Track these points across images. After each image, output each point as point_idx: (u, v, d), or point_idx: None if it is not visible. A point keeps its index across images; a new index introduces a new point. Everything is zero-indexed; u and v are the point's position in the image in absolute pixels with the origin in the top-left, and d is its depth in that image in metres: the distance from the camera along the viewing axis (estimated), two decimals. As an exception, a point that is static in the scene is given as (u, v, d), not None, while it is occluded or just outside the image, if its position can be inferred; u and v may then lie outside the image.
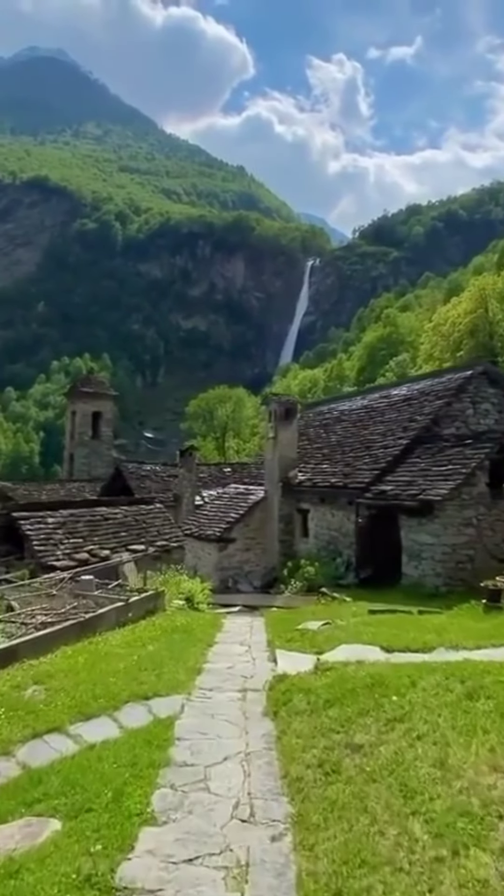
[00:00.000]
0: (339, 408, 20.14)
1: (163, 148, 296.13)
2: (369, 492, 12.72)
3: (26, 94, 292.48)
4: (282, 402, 17.22)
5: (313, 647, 6.28)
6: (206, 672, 6.17)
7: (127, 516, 12.10)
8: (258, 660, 6.76)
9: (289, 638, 7.23)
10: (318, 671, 5.14)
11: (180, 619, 8.70)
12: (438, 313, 61.68)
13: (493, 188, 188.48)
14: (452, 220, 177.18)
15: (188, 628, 8.18)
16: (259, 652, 7.21)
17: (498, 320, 54.03)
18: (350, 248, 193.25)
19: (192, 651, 6.98)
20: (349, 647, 5.74)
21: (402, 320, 77.80)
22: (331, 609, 9.81)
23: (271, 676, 5.79)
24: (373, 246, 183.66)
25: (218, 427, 66.57)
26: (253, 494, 17.63)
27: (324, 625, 7.51)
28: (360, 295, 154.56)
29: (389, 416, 16.13)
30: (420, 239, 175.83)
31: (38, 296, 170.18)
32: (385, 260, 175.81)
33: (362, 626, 6.95)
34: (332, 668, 5.12)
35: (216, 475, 28.72)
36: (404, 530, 11.49)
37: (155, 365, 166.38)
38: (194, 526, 17.75)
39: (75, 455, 31.80)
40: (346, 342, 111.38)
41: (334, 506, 14.61)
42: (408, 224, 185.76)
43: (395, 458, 13.41)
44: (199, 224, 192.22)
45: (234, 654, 7.06)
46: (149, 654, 6.59)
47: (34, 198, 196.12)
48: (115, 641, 7.00)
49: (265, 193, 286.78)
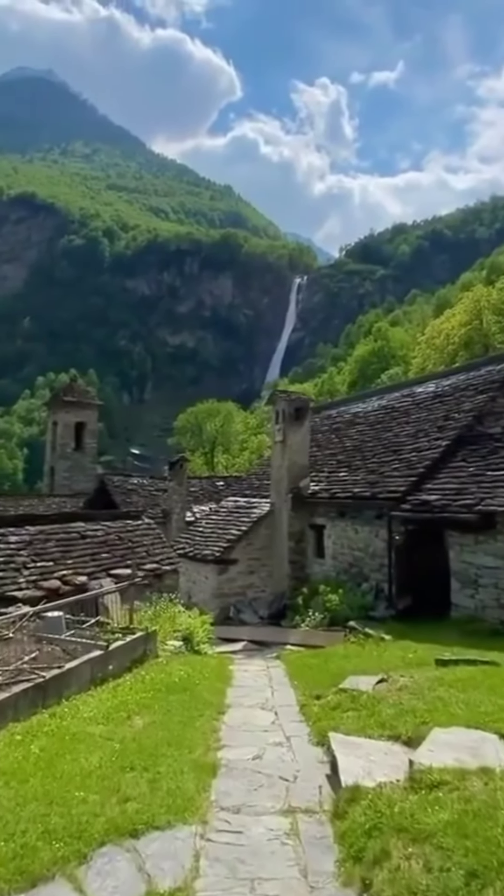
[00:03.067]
0: (350, 410, 18.16)
1: (151, 167, 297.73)
2: (406, 503, 10.54)
3: (15, 113, 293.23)
4: (291, 399, 14.84)
5: (383, 727, 4.23)
6: (223, 770, 4.10)
7: (109, 534, 9.98)
8: (295, 740, 4.70)
9: (333, 704, 5.15)
10: (418, 787, 3.10)
11: (178, 668, 6.61)
12: (431, 326, 60.77)
13: (477, 208, 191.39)
14: (438, 239, 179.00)
15: (189, 684, 6.09)
16: (291, 723, 5.15)
17: (493, 332, 53.32)
18: (337, 266, 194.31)
19: (199, 726, 4.92)
20: (448, 733, 3.75)
21: (393, 334, 77.02)
22: (368, 651, 7.74)
23: (329, 783, 3.75)
24: (360, 264, 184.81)
25: (207, 442, 64.58)
26: (256, 508, 15.31)
27: (379, 682, 5.49)
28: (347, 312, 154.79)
29: (417, 415, 14.15)
30: (406, 257, 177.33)
31: (25, 311, 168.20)
32: (372, 278, 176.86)
33: (440, 688, 4.92)
34: (442, 784, 3.09)
35: (208, 489, 26.73)
36: (454, 550, 9.33)
37: (142, 381, 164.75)
38: (188, 545, 15.49)
39: (56, 468, 29.61)
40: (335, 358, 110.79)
41: (358, 520, 12.40)
42: (394, 243, 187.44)
43: (435, 461, 11.30)
44: (187, 241, 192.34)
45: (257, 730, 5.00)
46: (136, 735, 4.52)
47: (21, 214, 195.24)
48: (89, 712, 4.92)
49: (252, 213, 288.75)
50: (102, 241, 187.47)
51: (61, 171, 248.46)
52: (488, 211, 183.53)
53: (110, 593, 8.13)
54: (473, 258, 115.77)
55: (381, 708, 4.69)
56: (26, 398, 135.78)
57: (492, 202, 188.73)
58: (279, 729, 5.02)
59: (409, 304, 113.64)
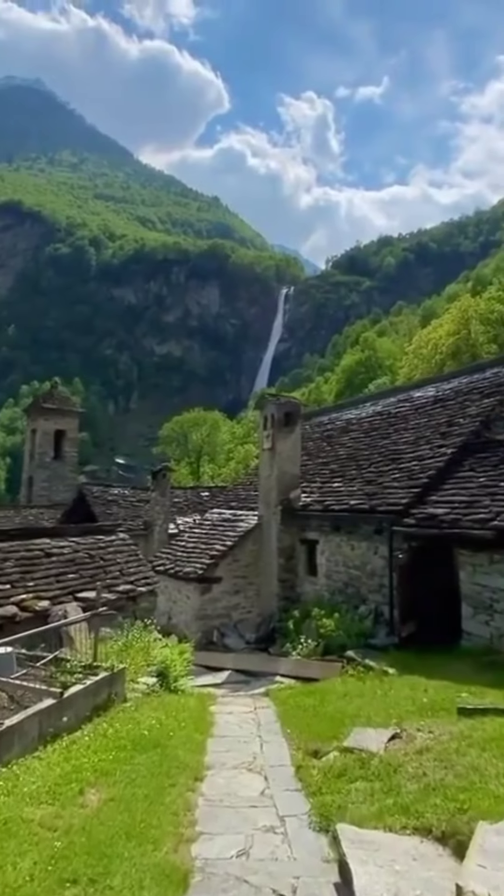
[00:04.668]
0: (343, 416, 17.18)
1: (138, 177, 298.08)
2: (409, 516, 9.57)
3: (2, 121, 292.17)
4: (281, 403, 13.68)
5: (407, 814, 3.25)
6: (197, 879, 3.08)
7: (78, 551, 8.91)
8: (291, 822, 3.72)
9: (338, 769, 4.13)
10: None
11: (149, 715, 5.58)
12: (419, 336, 60.51)
13: (462, 222, 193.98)
14: (423, 252, 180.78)
15: (162, 737, 5.07)
16: (286, 793, 4.17)
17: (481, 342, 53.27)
18: (324, 278, 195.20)
19: (169, 802, 3.91)
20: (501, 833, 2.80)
21: (379, 344, 76.94)
22: (370, 689, 6.68)
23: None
24: (346, 275, 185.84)
25: (192, 451, 63.49)
26: (243, 521, 14.18)
27: (392, 739, 4.53)
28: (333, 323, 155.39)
29: (417, 421, 13.18)
30: (392, 269, 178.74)
31: (9, 319, 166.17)
32: (358, 289, 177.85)
33: (471, 751, 3.95)
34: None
35: (193, 500, 25.76)
36: (465, 571, 8.26)
37: (128, 390, 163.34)
38: (168, 561, 14.33)
39: (35, 478, 28.40)
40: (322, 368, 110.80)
41: (354, 535, 11.32)
42: (380, 255, 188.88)
43: (440, 471, 10.34)
44: (175, 251, 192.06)
45: (243, 804, 4.01)
46: (88, 821, 3.51)
47: (7, 221, 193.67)
48: (32, 785, 3.90)
49: (239, 224, 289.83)
50: (89, 250, 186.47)
51: (48, 180, 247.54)
52: (472, 225, 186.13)
53: (76, 620, 7.07)
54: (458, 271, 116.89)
55: (400, 780, 3.72)
56: (9, 407, 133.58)
57: (476, 216, 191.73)
58: (270, 803, 4.03)
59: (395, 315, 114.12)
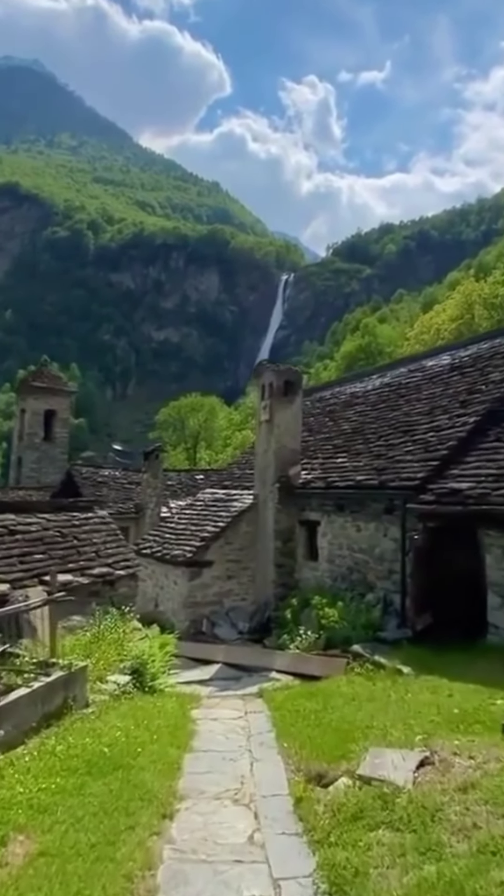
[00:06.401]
0: (346, 391, 15.95)
1: (138, 161, 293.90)
2: (427, 492, 8.42)
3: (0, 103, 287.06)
4: (280, 371, 12.35)
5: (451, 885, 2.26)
6: None
7: (48, 529, 7.88)
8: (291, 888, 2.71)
9: (352, 809, 3.12)
10: None
11: (114, 724, 4.57)
12: (420, 321, 59.45)
13: (464, 209, 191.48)
14: (424, 240, 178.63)
15: (126, 754, 4.05)
16: (281, 838, 3.17)
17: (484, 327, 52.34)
18: (324, 265, 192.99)
19: (122, 856, 2.90)
20: None
21: (380, 331, 75.77)
22: (382, 691, 5.72)
23: None
24: (346, 263, 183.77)
25: (189, 437, 62.47)
26: (237, 501, 13.11)
27: (421, 766, 3.53)
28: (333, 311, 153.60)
29: (431, 391, 11.94)
30: (392, 257, 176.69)
31: (6, 304, 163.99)
32: (358, 277, 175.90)
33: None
34: None
35: (187, 483, 24.80)
36: (493, 554, 7.18)
37: (125, 376, 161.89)
38: (156, 543, 13.33)
39: (24, 459, 27.41)
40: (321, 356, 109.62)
41: (361, 515, 10.17)
42: (380, 243, 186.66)
43: (461, 441, 9.15)
44: (174, 236, 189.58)
45: (222, 859, 2.99)
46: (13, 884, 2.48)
47: (5, 204, 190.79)
48: None
49: (239, 210, 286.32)
50: (87, 234, 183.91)
51: (46, 163, 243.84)
52: (474, 213, 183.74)
53: (38, 605, 6.01)
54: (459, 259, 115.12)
55: (441, 834, 2.70)
56: (6, 392, 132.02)
57: (478, 204, 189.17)
58: (262, 856, 3.01)
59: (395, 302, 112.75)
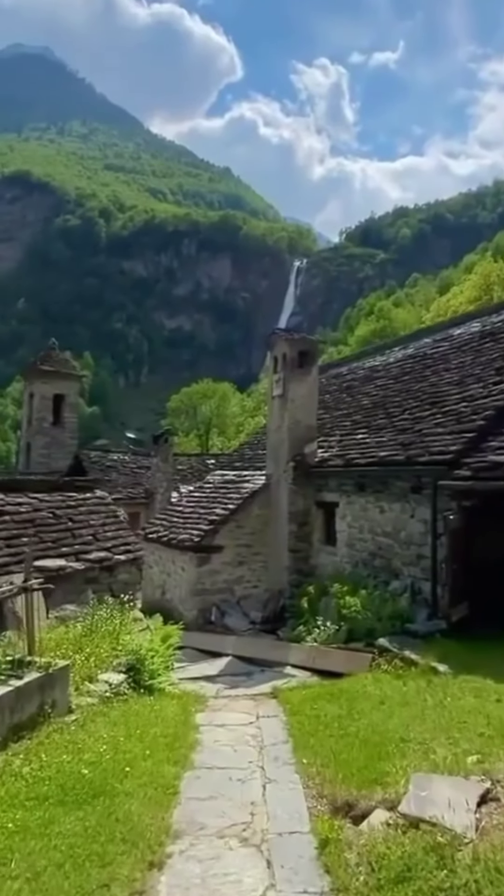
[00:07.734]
0: (364, 365, 15.22)
1: (149, 148, 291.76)
2: (462, 467, 7.62)
3: (10, 92, 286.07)
4: (294, 340, 11.30)
5: None
6: None
7: (40, 509, 7.67)
8: None
9: (397, 867, 2.60)
10: None
11: (99, 737, 4.10)
12: (437, 303, 58.62)
13: (479, 192, 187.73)
14: (439, 224, 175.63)
15: (111, 776, 3.54)
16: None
17: None
18: (337, 250, 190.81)
19: None
20: None
21: (395, 314, 74.75)
22: (416, 692, 5.18)
23: None
24: (360, 248, 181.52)
25: (201, 423, 62.35)
26: (248, 482, 12.43)
27: (483, 804, 3.01)
28: (346, 296, 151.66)
29: (460, 360, 11.13)
30: (407, 241, 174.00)
31: (19, 292, 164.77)
32: (372, 262, 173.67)
33: None
34: None
35: (198, 468, 24.61)
36: None
37: (138, 364, 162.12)
38: (162, 528, 12.89)
39: (33, 444, 27.47)
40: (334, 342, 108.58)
41: (384, 495, 9.39)
42: (395, 226, 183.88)
43: (500, 411, 8.41)
44: (185, 222, 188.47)
45: None
46: None
47: (16, 192, 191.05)
48: None
49: (251, 195, 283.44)
50: (98, 222, 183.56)
51: (57, 151, 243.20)
52: (491, 195, 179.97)
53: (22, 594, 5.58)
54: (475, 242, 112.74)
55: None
56: (19, 381, 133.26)
57: (495, 186, 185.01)
58: None
59: (410, 286, 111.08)
